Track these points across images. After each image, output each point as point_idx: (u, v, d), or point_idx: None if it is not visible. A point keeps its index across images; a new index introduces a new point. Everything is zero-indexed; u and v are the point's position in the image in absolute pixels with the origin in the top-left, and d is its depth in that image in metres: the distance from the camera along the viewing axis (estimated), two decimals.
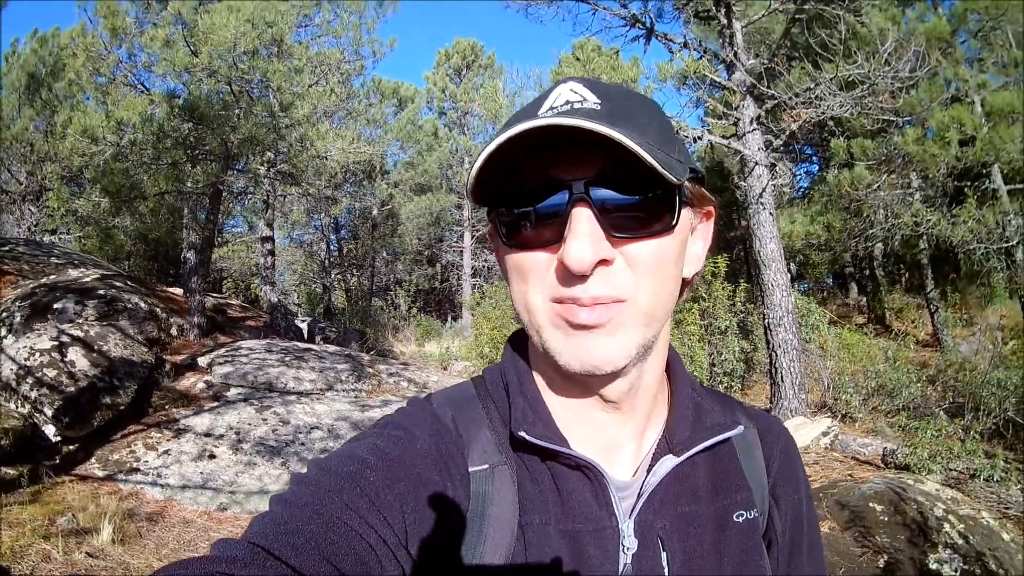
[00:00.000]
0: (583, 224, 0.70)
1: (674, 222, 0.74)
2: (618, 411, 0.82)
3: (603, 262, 0.71)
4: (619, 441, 0.84)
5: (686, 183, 0.76)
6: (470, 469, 0.80)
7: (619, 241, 0.72)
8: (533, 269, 0.75)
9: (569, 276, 0.71)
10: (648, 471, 0.83)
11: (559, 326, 0.74)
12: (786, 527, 0.92)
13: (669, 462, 0.82)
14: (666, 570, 0.79)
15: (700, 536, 0.82)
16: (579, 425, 0.83)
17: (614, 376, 0.78)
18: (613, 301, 0.72)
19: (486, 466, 0.81)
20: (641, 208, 0.72)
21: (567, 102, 0.73)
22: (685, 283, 0.85)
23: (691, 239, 0.83)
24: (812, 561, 0.95)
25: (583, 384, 0.80)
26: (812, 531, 0.96)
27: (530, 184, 0.73)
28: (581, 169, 0.71)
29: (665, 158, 0.69)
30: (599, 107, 0.71)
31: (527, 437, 0.78)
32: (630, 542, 0.79)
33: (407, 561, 0.72)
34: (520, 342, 0.91)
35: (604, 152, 0.69)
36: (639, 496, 0.81)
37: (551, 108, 0.73)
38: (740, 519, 0.85)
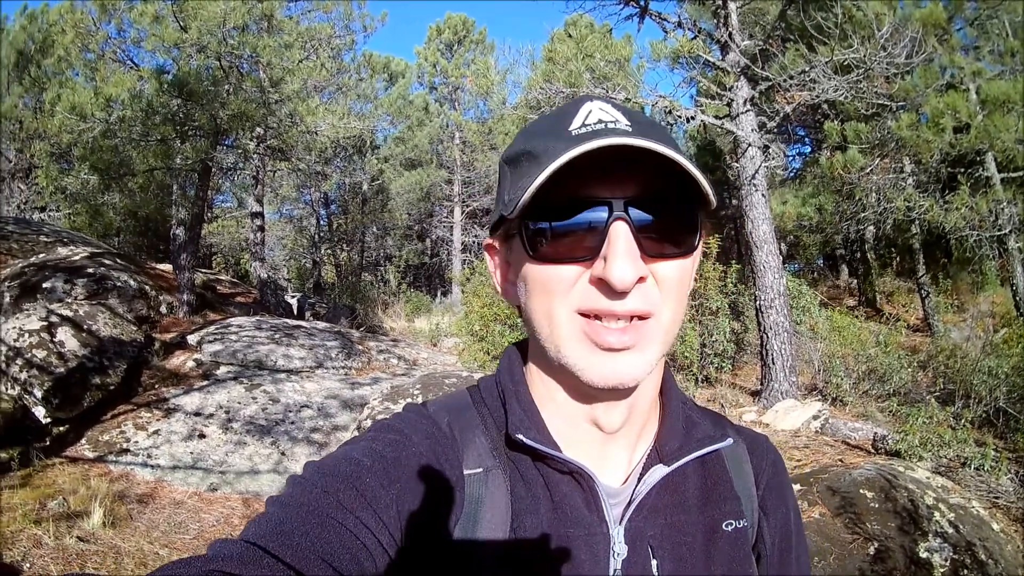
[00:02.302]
0: (624, 243, 0.72)
1: (696, 244, 0.78)
2: (610, 430, 0.84)
3: (640, 279, 0.74)
4: (610, 452, 0.86)
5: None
6: (465, 472, 0.82)
7: (649, 260, 0.75)
8: (560, 283, 0.76)
9: (609, 291, 0.73)
10: (639, 480, 0.84)
11: (582, 342, 0.76)
12: (775, 539, 0.93)
13: (660, 471, 0.84)
14: None
15: (690, 544, 0.83)
16: (570, 434, 0.84)
17: (626, 394, 0.81)
18: (643, 316, 0.75)
19: (480, 469, 0.82)
20: (671, 230, 0.76)
21: (600, 121, 0.76)
22: None
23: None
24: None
25: (587, 399, 0.82)
26: (800, 546, 0.97)
27: (567, 200, 0.75)
28: (621, 188, 0.73)
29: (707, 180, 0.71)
30: (631, 128, 0.75)
31: (524, 439, 0.80)
32: (620, 548, 0.80)
33: (402, 561, 0.73)
34: (516, 354, 0.93)
35: (642, 174, 0.73)
36: (630, 503, 0.82)
37: (584, 125, 0.76)
38: (729, 528, 0.86)
